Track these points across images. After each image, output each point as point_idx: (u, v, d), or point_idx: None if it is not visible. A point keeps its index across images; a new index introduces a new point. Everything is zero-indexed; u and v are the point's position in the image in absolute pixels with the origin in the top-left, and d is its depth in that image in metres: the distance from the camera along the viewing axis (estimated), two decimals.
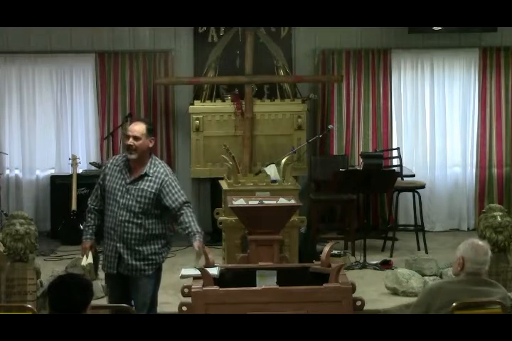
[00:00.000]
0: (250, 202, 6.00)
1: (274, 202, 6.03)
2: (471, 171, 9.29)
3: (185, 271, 5.08)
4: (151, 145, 5.24)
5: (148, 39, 8.99)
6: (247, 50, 8.51)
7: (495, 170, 9.21)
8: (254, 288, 4.76)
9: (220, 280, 4.88)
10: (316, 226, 8.24)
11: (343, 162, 8.78)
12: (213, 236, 8.39)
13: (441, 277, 6.95)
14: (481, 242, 4.57)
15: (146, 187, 5.17)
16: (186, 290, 4.89)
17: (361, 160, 8.29)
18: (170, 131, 9.09)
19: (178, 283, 5.41)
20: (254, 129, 8.57)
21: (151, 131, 5.24)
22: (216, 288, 4.67)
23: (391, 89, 9.15)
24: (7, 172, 9.11)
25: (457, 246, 4.61)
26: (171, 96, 9.06)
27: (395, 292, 6.75)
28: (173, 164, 9.12)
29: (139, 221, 5.17)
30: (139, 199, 5.16)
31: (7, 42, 8.91)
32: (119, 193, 5.18)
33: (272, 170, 7.25)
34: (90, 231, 5.34)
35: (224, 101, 8.70)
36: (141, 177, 5.19)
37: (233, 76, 8.66)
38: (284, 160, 7.23)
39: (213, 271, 4.92)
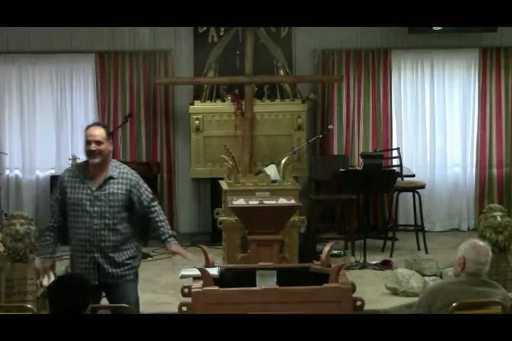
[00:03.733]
0: (250, 202, 6.00)
1: (274, 202, 6.03)
2: (471, 171, 9.29)
3: (185, 271, 5.08)
4: (111, 148, 5.19)
5: (148, 39, 8.98)
6: (247, 50, 8.51)
7: (495, 170, 9.21)
8: (254, 288, 4.76)
9: (220, 280, 4.88)
10: (316, 226, 8.24)
11: (343, 162, 8.78)
12: (213, 236, 8.39)
13: (441, 277, 6.95)
14: (482, 242, 4.57)
15: (115, 190, 5.09)
16: (186, 290, 4.89)
17: (361, 160, 8.28)
18: (170, 131, 9.08)
19: (178, 283, 5.41)
20: (254, 129, 8.57)
21: (109, 134, 5.20)
22: (216, 288, 4.68)
23: (391, 89, 9.15)
24: (7, 172, 9.10)
25: (457, 246, 4.61)
26: (171, 96, 9.06)
27: (395, 292, 6.74)
28: (173, 164, 9.13)
29: (115, 227, 5.10)
30: (111, 203, 5.08)
31: (7, 42, 8.91)
32: (88, 202, 5.07)
33: (271, 170, 7.25)
34: (50, 249, 5.23)
35: (224, 101, 8.70)
36: (107, 181, 5.10)
37: (233, 76, 8.66)
38: (284, 161, 7.23)
39: (213, 271, 4.93)
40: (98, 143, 5.07)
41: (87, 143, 5.11)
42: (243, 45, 8.62)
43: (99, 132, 5.11)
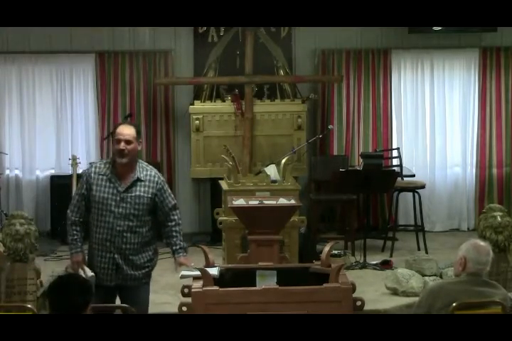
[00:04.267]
0: (250, 202, 6.00)
1: (274, 202, 6.03)
2: (471, 171, 9.29)
3: (185, 271, 5.08)
4: (139, 148, 5.12)
5: (148, 39, 8.98)
6: (247, 50, 8.51)
7: (495, 170, 9.21)
8: (254, 288, 4.75)
9: (220, 280, 4.88)
10: (316, 226, 8.25)
11: (343, 162, 8.78)
12: (213, 236, 8.39)
13: (441, 277, 6.95)
14: (483, 243, 4.58)
15: (142, 193, 5.05)
16: (186, 290, 4.89)
17: (361, 160, 8.29)
18: (170, 131, 9.08)
19: (178, 283, 5.41)
20: (254, 129, 8.57)
21: (139, 134, 5.13)
22: (216, 288, 4.67)
23: (391, 89, 9.15)
24: (7, 172, 9.10)
25: (457, 246, 4.62)
26: (171, 96, 9.06)
27: (395, 292, 6.75)
28: (173, 164, 9.13)
29: (138, 229, 5.07)
30: (136, 206, 5.04)
31: (7, 42, 8.91)
32: (113, 203, 5.02)
33: (271, 170, 7.25)
34: (79, 243, 5.15)
35: (224, 101, 8.70)
36: (134, 183, 5.04)
37: (233, 76, 8.66)
38: (284, 161, 7.23)
39: (213, 271, 4.92)
40: (128, 142, 4.99)
41: (117, 141, 5.02)
42: (243, 45, 8.62)
43: (129, 131, 5.03)
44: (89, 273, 5.10)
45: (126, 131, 5.03)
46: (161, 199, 5.12)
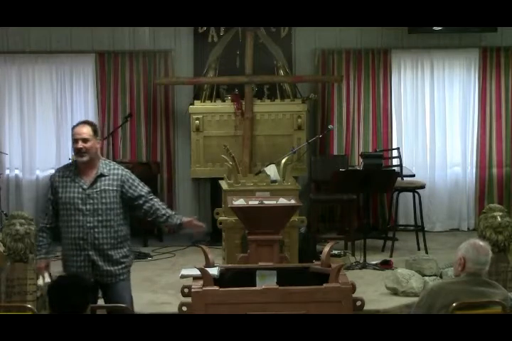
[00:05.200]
0: (250, 202, 6.00)
1: (274, 202, 6.02)
2: (471, 171, 9.29)
3: (185, 271, 5.08)
4: (99, 145, 5.20)
5: (148, 39, 8.98)
6: (247, 50, 8.51)
7: (495, 170, 9.21)
8: (254, 288, 4.76)
9: (220, 280, 4.88)
10: (316, 226, 8.25)
11: (343, 162, 8.77)
12: (213, 236, 8.38)
13: (441, 277, 6.95)
14: (482, 242, 4.57)
15: (107, 187, 5.11)
16: (186, 290, 4.89)
17: (361, 160, 8.28)
18: (170, 131, 9.08)
19: (178, 283, 5.42)
20: (254, 129, 8.57)
21: (97, 132, 5.19)
22: (216, 288, 4.67)
23: (391, 89, 9.15)
24: (7, 172, 9.10)
25: (457, 246, 4.62)
26: (171, 96, 9.06)
27: (395, 292, 6.74)
28: (173, 164, 9.13)
29: (108, 223, 5.11)
30: (103, 200, 5.09)
31: (7, 42, 8.91)
32: (80, 201, 5.09)
33: (271, 170, 7.24)
34: (44, 250, 5.25)
35: (224, 101, 8.69)
36: (98, 179, 5.11)
37: (233, 76, 8.66)
38: (284, 161, 7.23)
39: (213, 271, 4.92)
40: (85, 140, 5.09)
41: (74, 141, 5.14)
42: (243, 45, 8.62)
43: (85, 130, 5.13)
44: (47, 279, 5.22)
45: (82, 130, 5.14)
46: (132, 188, 5.16)
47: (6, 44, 8.91)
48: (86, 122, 5.29)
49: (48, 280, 5.24)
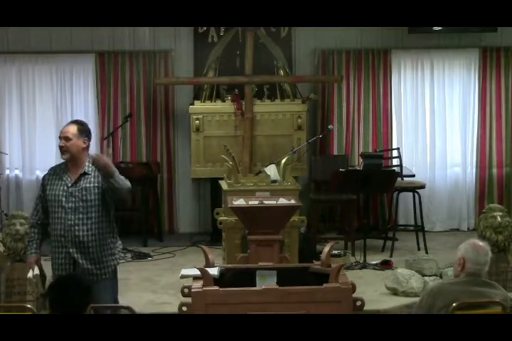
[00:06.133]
0: (250, 202, 5.99)
1: (274, 202, 6.02)
2: (471, 171, 9.29)
3: (185, 271, 5.08)
4: (84, 145, 5.19)
5: (148, 39, 8.98)
6: (247, 50, 8.51)
7: (495, 170, 9.21)
8: (254, 288, 4.76)
9: (220, 280, 4.88)
10: (316, 226, 8.24)
11: (343, 162, 8.77)
12: (213, 236, 8.39)
13: (441, 277, 6.95)
14: (481, 243, 4.58)
15: (88, 185, 5.14)
16: (186, 290, 4.89)
17: (361, 160, 8.28)
18: (170, 131, 9.09)
19: (178, 283, 5.42)
20: (254, 129, 8.57)
21: (83, 132, 5.20)
22: (216, 288, 4.67)
23: (391, 89, 9.15)
24: (7, 172, 9.10)
25: (457, 246, 4.62)
26: (171, 96, 9.06)
27: (395, 292, 6.74)
28: (173, 164, 9.13)
29: (89, 221, 5.12)
30: (84, 198, 5.12)
31: (7, 42, 8.91)
32: (63, 199, 5.13)
33: (271, 170, 7.24)
34: (34, 245, 5.28)
35: (224, 101, 8.69)
36: (81, 177, 5.16)
37: (233, 76, 8.66)
38: (284, 161, 7.22)
39: (213, 271, 4.92)
40: (66, 139, 5.14)
41: (59, 139, 5.22)
42: (243, 45, 8.62)
43: (69, 129, 5.18)
44: (36, 271, 5.27)
45: (66, 128, 5.20)
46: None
47: (6, 44, 8.91)
48: (75, 122, 5.33)
49: (37, 272, 5.29)
